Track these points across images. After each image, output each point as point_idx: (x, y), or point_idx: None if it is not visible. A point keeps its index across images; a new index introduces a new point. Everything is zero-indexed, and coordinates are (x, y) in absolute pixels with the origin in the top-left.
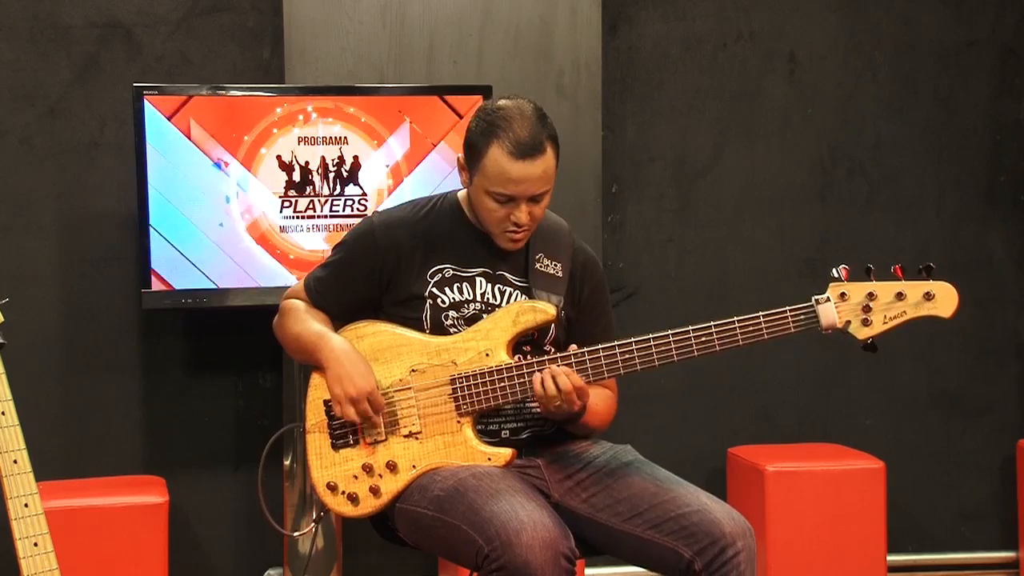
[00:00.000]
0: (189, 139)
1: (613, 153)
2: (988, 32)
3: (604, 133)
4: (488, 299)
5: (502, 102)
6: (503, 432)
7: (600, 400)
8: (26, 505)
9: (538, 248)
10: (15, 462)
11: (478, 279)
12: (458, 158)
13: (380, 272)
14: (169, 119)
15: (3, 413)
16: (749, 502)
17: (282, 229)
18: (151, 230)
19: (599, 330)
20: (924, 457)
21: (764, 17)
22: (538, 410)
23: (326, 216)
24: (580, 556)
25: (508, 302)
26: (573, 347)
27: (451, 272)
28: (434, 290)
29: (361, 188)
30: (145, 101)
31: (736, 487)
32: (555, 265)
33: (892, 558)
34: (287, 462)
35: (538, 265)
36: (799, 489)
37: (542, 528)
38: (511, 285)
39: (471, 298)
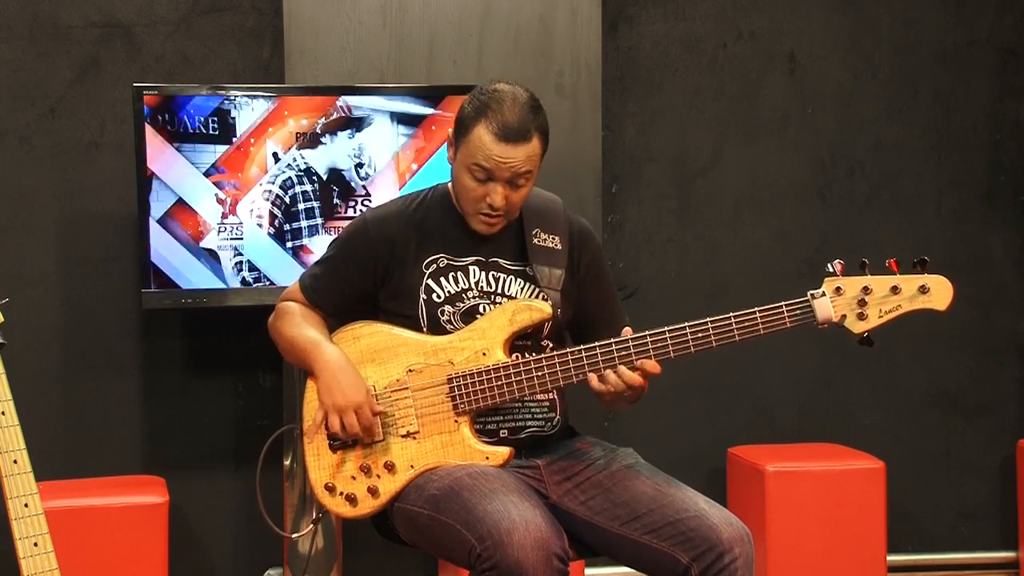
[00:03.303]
0: (187, 138)
1: (613, 153)
2: (988, 32)
3: (604, 133)
4: (483, 287)
5: (499, 85)
6: (501, 432)
7: None
8: (26, 505)
9: (533, 224)
10: (15, 462)
11: (471, 268)
12: (448, 132)
13: (375, 267)
14: (167, 118)
15: (3, 413)
16: (749, 502)
17: (280, 232)
18: (151, 230)
19: (604, 299)
20: (924, 457)
21: (764, 17)
22: (537, 410)
23: (325, 217)
24: (574, 557)
25: (504, 289)
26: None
27: (445, 262)
28: (429, 282)
29: (365, 189)
30: (145, 101)
31: (736, 487)
32: (553, 238)
33: (892, 558)
34: (287, 463)
35: (536, 240)
36: (799, 489)
37: (534, 528)
38: (505, 271)
39: (466, 287)
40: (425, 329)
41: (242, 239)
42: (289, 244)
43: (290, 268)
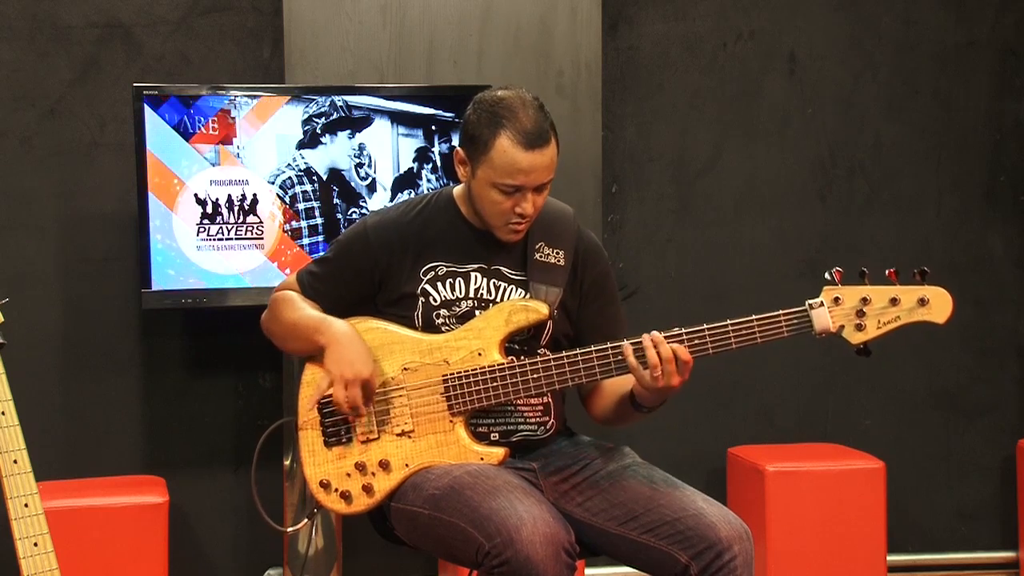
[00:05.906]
0: (187, 138)
1: (613, 153)
2: (988, 32)
3: (604, 133)
4: (482, 295)
5: (501, 92)
6: (492, 435)
7: None
8: (26, 505)
9: (538, 237)
10: (15, 462)
11: (473, 274)
12: (456, 152)
13: (372, 272)
14: (167, 118)
15: (3, 413)
16: (749, 502)
17: (285, 232)
18: (151, 230)
19: (605, 320)
20: (924, 457)
21: (764, 17)
22: (530, 414)
23: (326, 215)
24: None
25: (503, 297)
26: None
27: (444, 269)
28: (427, 287)
29: (378, 187)
30: (145, 101)
31: (736, 487)
32: (556, 253)
33: (892, 558)
34: (287, 462)
35: (538, 255)
36: (799, 489)
37: (542, 523)
38: (507, 280)
39: (464, 295)
40: (420, 329)
41: (243, 239)
42: (289, 240)
43: (284, 267)
